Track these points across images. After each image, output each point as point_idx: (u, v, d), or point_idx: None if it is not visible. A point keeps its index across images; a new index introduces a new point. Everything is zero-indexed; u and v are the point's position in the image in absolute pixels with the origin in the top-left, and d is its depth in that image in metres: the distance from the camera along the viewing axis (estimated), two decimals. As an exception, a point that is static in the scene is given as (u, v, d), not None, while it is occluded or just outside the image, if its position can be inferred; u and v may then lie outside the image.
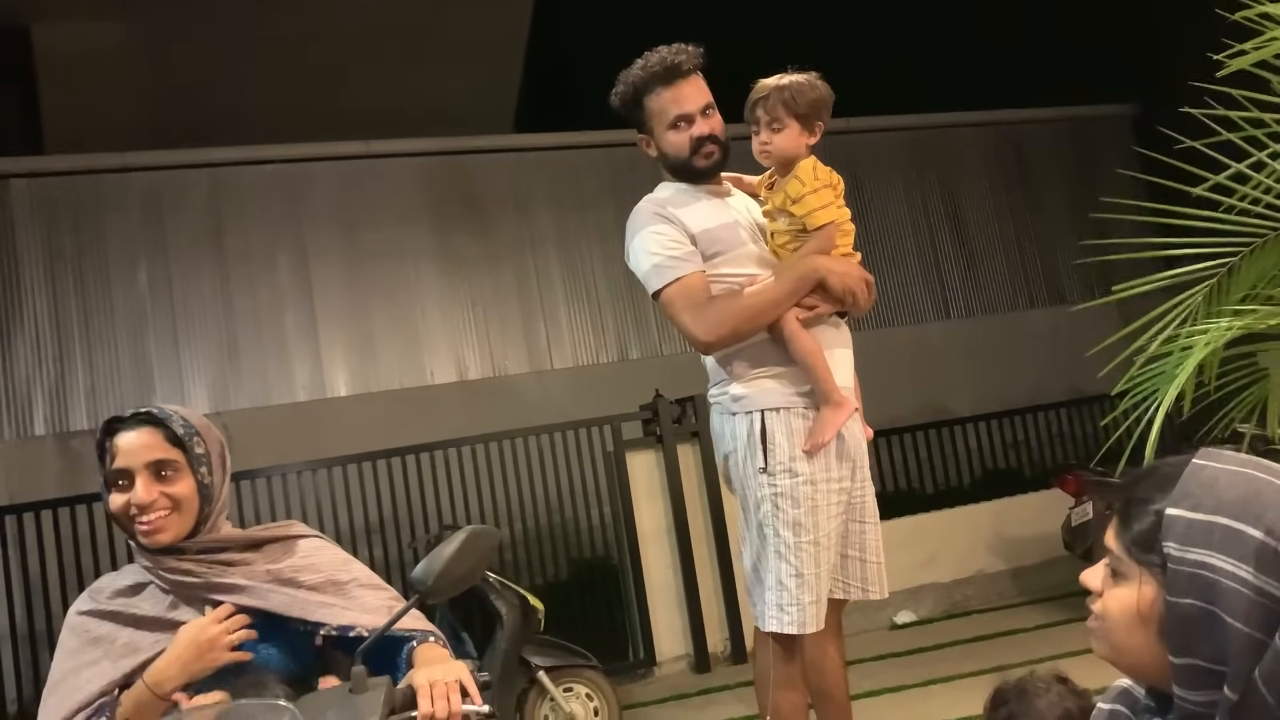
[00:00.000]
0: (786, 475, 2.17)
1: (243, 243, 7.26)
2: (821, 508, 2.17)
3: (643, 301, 8.07)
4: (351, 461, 5.53)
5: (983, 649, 5.15)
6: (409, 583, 1.58)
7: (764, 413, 2.22)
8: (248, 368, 7.18)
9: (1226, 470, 0.94)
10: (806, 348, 2.21)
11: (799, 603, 2.13)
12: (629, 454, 5.71)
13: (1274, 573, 0.87)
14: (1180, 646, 0.93)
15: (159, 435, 1.67)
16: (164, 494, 1.64)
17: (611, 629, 5.72)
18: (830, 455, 2.20)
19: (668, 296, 2.26)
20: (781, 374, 2.24)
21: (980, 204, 8.96)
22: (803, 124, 2.32)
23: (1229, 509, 0.91)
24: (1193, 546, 0.91)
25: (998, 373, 8.20)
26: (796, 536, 2.14)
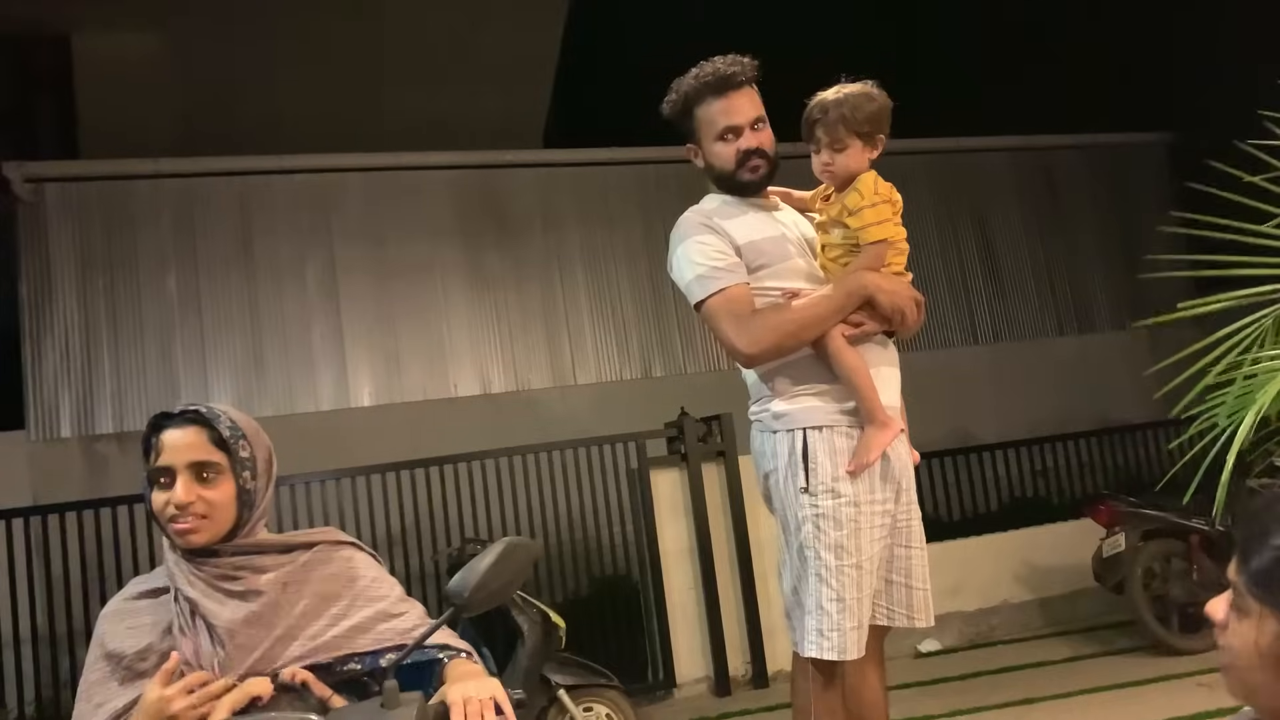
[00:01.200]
0: (829, 496, 2.12)
1: (272, 251, 7.30)
2: (864, 530, 2.11)
3: (667, 320, 8.05)
4: (374, 472, 5.52)
5: (1009, 680, 5.05)
6: (444, 595, 1.54)
7: (806, 431, 2.17)
8: (273, 376, 7.20)
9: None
10: (851, 365, 2.16)
11: (840, 628, 2.08)
12: (653, 472, 5.67)
13: None
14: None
15: (204, 436, 1.65)
16: (202, 496, 1.61)
17: (632, 649, 5.65)
18: (874, 476, 2.15)
19: (710, 307, 2.23)
20: (825, 391, 2.19)
21: (1011, 229, 8.89)
22: (865, 141, 2.29)
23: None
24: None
25: (1025, 400, 8.11)
26: (838, 560, 2.09)
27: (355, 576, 1.73)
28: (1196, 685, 4.44)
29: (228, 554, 1.64)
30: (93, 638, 1.66)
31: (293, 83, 8.36)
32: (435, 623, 1.56)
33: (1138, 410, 7.20)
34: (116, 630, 1.63)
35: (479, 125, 8.59)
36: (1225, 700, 0.95)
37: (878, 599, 2.22)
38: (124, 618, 1.64)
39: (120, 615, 1.65)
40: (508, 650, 4.06)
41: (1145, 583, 5.10)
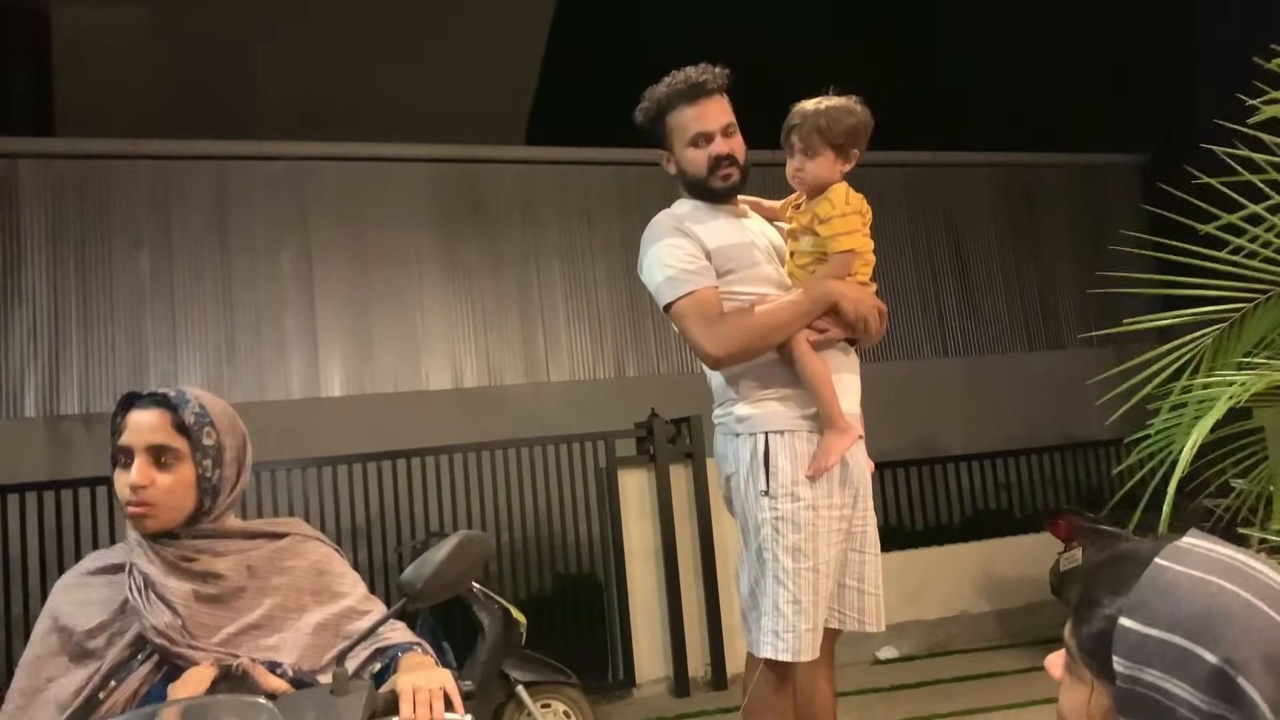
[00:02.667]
0: (788, 499, 2.15)
1: (247, 236, 7.25)
2: (822, 534, 2.16)
3: (642, 320, 8.07)
4: (341, 462, 5.50)
5: (964, 689, 5.12)
6: (398, 585, 1.56)
7: (768, 435, 2.20)
8: (243, 361, 7.15)
9: (1189, 576, 0.85)
10: (815, 370, 2.20)
11: (795, 630, 2.11)
12: (621, 471, 5.69)
13: (1229, 699, 0.80)
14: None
15: (167, 419, 1.64)
16: (156, 481, 1.61)
17: (593, 647, 5.67)
18: (833, 481, 2.19)
19: (679, 309, 2.26)
20: (788, 396, 2.23)
21: (983, 244, 9.00)
22: (837, 152, 2.32)
23: (1186, 626, 0.82)
24: (1145, 666, 0.83)
25: (992, 413, 8.21)
26: (796, 562, 2.13)
27: (323, 571, 1.74)
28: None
29: (187, 537, 1.64)
30: (44, 608, 1.65)
31: (274, 68, 8.30)
32: (388, 612, 1.58)
33: (1103, 426, 7.31)
34: (70, 605, 1.62)
35: (461, 118, 8.56)
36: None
37: (831, 603, 2.26)
38: (78, 591, 1.64)
39: (74, 589, 1.64)
40: (468, 644, 4.07)
41: (1101, 597, 5.17)
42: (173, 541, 1.63)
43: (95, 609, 1.60)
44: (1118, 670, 0.85)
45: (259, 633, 1.63)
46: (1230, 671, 0.79)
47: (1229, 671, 0.79)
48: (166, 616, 1.56)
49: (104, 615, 1.59)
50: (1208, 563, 0.86)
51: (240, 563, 1.65)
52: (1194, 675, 0.81)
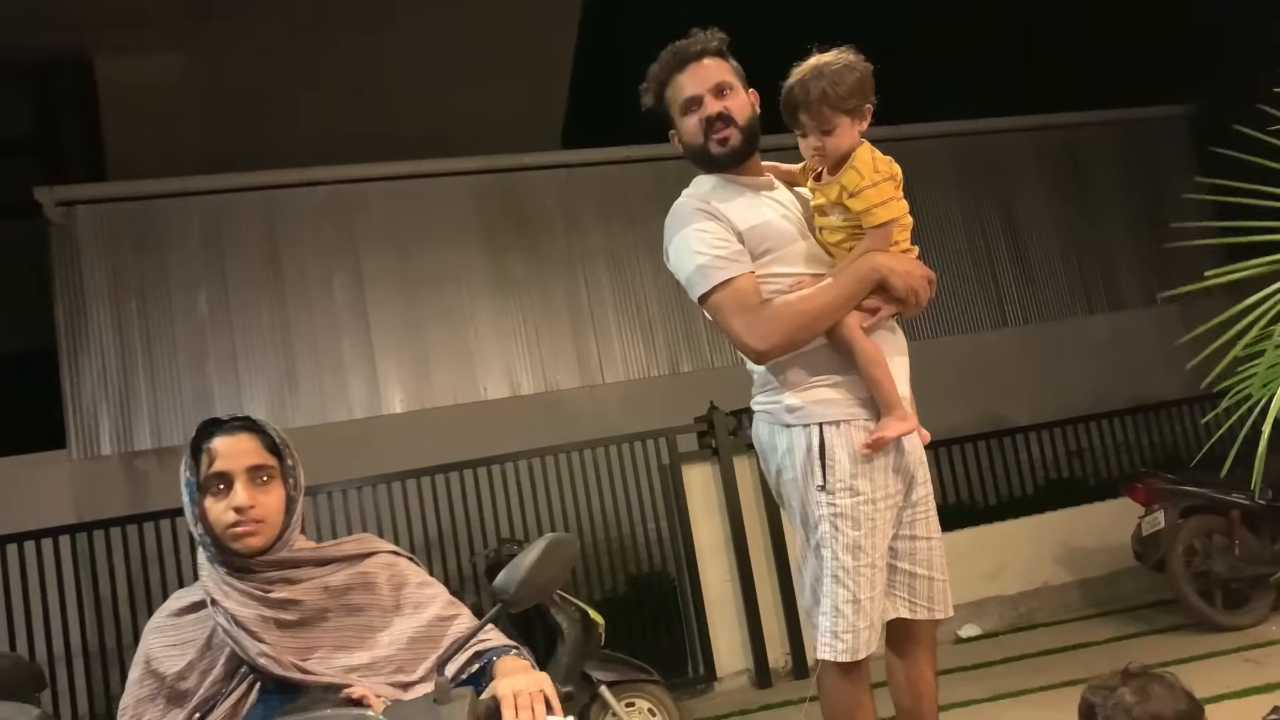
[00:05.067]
0: (847, 494, 2.05)
1: (299, 264, 7.38)
2: (880, 528, 2.06)
3: (693, 314, 8.04)
4: (409, 477, 5.57)
5: (1051, 663, 5.01)
6: (491, 591, 1.57)
7: (823, 426, 2.08)
8: (305, 387, 7.28)
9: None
10: (870, 356, 2.07)
11: (855, 629, 2.03)
12: (684, 467, 5.67)
13: None
14: None
15: (258, 442, 1.69)
16: (259, 501, 1.65)
17: (671, 644, 5.67)
18: (888, 471, 2.08)
19: (716, 301, 2.10)
20: (840, 383, 2.10)
21: (1035, 210, 8.81)
22: (852, 115, 2.13)
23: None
24: None
25: (1057, 380, 8.04)
26: (856, 560, 2.03)
27: (402, 583, 1.75)
28: (1243, 661, 4.39)
29: (264, 569, 1.67)
30: (137, 651, 1.70)
31: (312, 95, 8.45)
32: (483, 619, 1.59)
33: (1172, 386, 7.12)
34: (159, 648, 1.66)
35: (497, 128, 8.63)
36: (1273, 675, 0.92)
37: (901, 592, 2.19)
38: (166, 634, 1.67)
39: (162, 630, 1.68)
40: (548, 649, 4.08)
41: (1186, 560, 5.04)
42: (250, 574, 1.66)
43: (183, 649, 1.65)
44: None
45: (349, 653, 1.65)
46: None
47: None
48: (253, 648, 1.60)
49: (192, 654, 1.64)
50: None
51: (317, 586, 1.68)
52: None
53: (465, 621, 1.74)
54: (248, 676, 1.61)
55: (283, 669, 1.59)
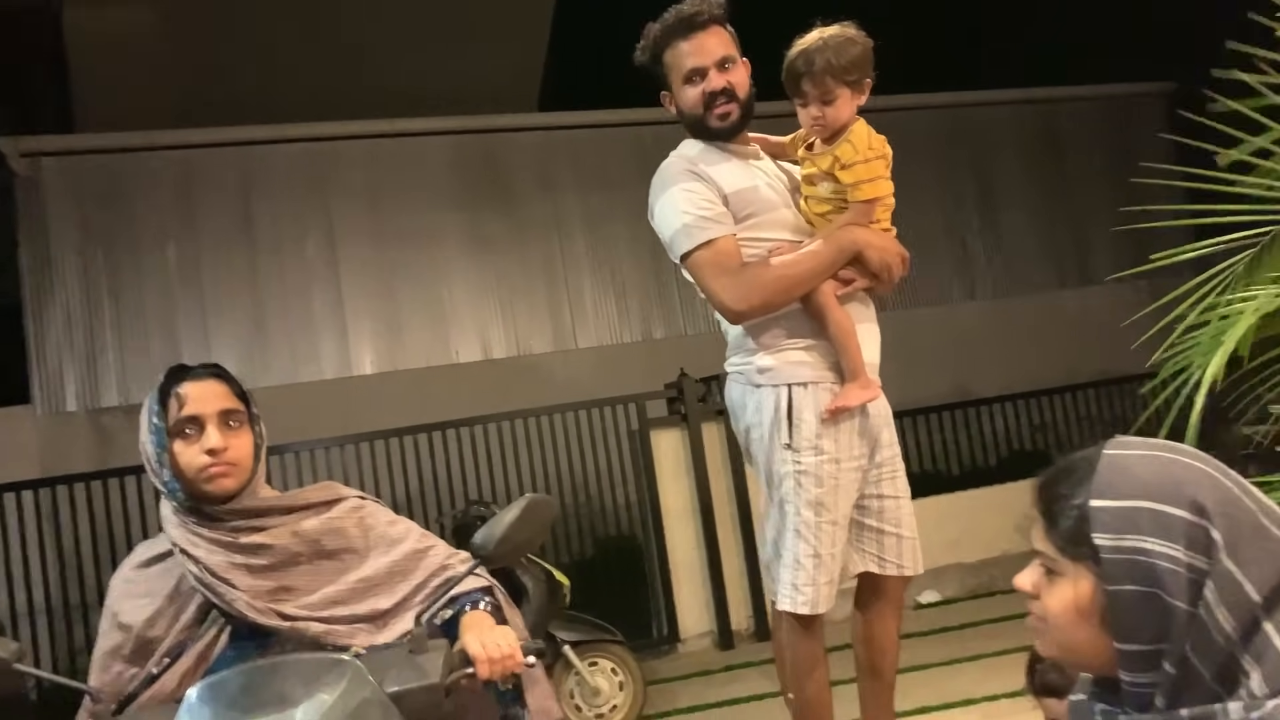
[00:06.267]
0: (811, 453, 2.12)
1: (270, 222, 7.31)
2: (843, 487, 2.13)
3: (667, 280, 8.05)
4: (378, 438, 5.58)
5: (1009, 629, 5.11)
6: (470, 547, 1.60)
7: (792, 387, 2.15)
8: (275, 345, 7.24)
9: (1138, 455, 0.96)
10: (840, 323, 2.14)
11: (814, 583, 2.10)
12: (654, 432, 5.71)
13: (1201, 549, 0.89)
14: (1125, 633, 0.94)
15: (227, 388, 1.71)
16: (231, 443, 1.66)
17: (636, 606, 5.74)
18: (854, 433, 2.15)
19: (697, 261, 2.16)
20: (811, 347, 2.18)
21: (1010, 183, 8.86)
22: (852, 88, 2.20)
23: (1150, 492, 0.92)
24: (1123, 534, 0.92)
25: (1026, 354, 8.12)
26: (817, 516, 2.10)
27: (370, 525, 1.77)
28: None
29: (232, 516, 1.67)
30: (105, 605, 1.71)
31: (287, 51, 8.30)
32: (464, 572, 1.62)
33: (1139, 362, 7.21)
34: (126, 600, 1.67)
35: (474, 89, 8.54)
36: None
37: (871, 548, 2.25)
38: (132, 585, 1.69)
39: (129, 582, 1.70)
40: (513, 609, 4.13)
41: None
42: (217, 521, 1.66)
43: (150, 599, 1.66)
44: (1100, 545, 0.93)
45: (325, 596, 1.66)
46: (1200, 521, 0.90)
47: (1200, 521, 0.90)
48: (235, 590, 1.61)
49: (160, 603, 1.65)
50: (1146, 445, 0.97)
51: (286, 532, 1.69)
52: (1170, 530, 0.90)
53: (440, 554, 1.77)
54: (218, 622, 1.62)
55: (258, 614, 1.60)
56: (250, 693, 1.34)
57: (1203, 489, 0.91)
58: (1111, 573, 0.93)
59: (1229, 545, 0.89)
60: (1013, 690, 4.05)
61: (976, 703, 4.03)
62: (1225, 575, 0.88)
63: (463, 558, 1.78)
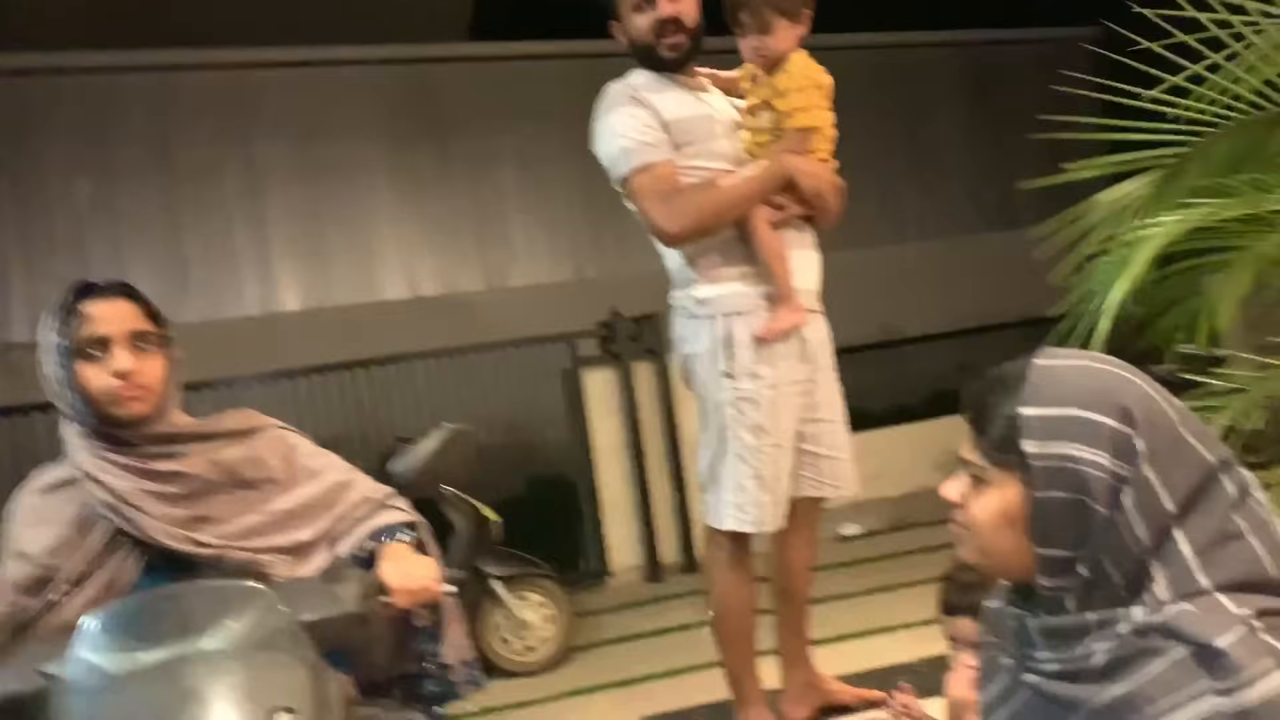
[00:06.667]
0: (749, 379, 2.18)
1: (189, 152, 7.05)
2: (783, 410, 2.19)
3: (601, 220, 7.99)
4: (303, 375, 5.49)
5: (927, 560, 5.29)
6: (389, 475, 1.58)
7: (729, 316, 2.21)
8: (196, 281, 7.04)
9: (1067, 365, 0.97)
10: (770, 247, 2.20)
11: (758, 503, 2.17)
12: (585, 371, 5.72)
13: (1126, 456, 0.91)
14: (1048, 539, 0.96)
15: (137, 308, 1.62)
16: (142, 366, 1.59)
17: (568, 543, 5.81)
18: (792, 358, 2.21)
19: (635, 183, 2.21)
20: (747, 275, 2.23)
21: (939, 125, 8.94)
22: (790, 19, 2.24)
23: (1079, 399, 0.93)
24: (1051, 440, 0.93)
25: (951, 295, 8.29)
26: (757, 439, 2.16)
27: (291, 455, 1.74)
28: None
29: (144, 442, 1.61)
30: (3, 534, 1.64)
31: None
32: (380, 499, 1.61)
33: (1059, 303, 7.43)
34: (26, 527, 1.60)
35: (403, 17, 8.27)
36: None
37: (809, 473, 2.31)
38: (32, 513, 1.62)
39: (30, 510, 1.63)
40: (441, 546, 4.13)
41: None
42: (128, 447, 1.60)
43: (53, 527, 1.59)
44: (1029, 451, 0.94)
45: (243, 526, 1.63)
46: (1126, 429, 0.91)
47: (1125, 429, 0.91)
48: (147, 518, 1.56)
49: (64, 531, 1.58)
50: (1075, 355, 0.99)
51: (203, 460, 1.64)
52: (1097, 436, 0.91)
53: (364, 487, 1.75)
54: (128, 550, 1.57)
55: (172, 540, 1.55)
56: (153, 620, 1.30)
57: (1129, 397, 0.93)
58: (1039, 479, 0.94)
59: (1150, 453, 0.90)
60: (929, 618, 4.22)
61: (894, 629, 4.18)
62: (1144, 483, 0.90)
63: (387, 492, 1.78)
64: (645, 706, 2.79)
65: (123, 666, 1.23)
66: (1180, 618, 0.87)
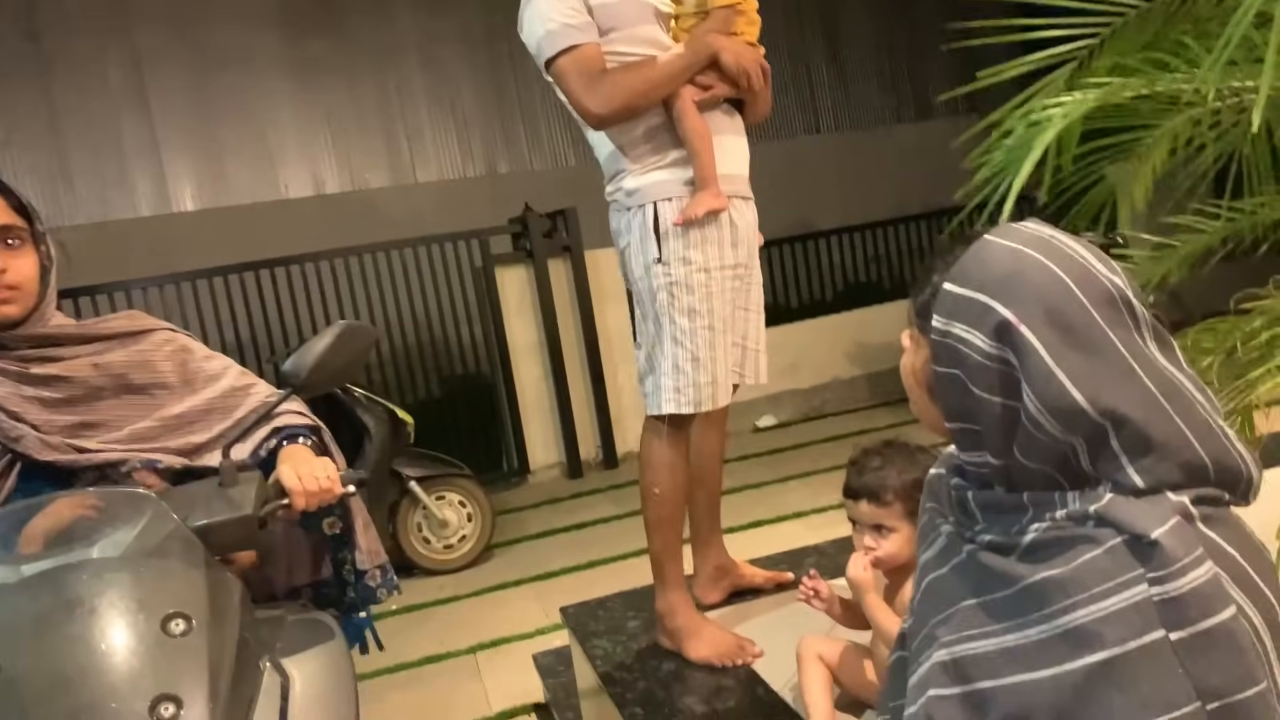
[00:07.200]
0: (680, 264, 2.19)
1: (64, 42, 6.55)
2: (716, 294, 2.21)
3: (511, 113, 7.76)
4: (201, 277, 5.27)
5: (838, 448, 5.46)
6: (279, 375, 1.52)
7: (657, 204, 2.20)
8: (82, 181, 6.65)
9: (1003, 246, 0.95)
10: (694, 129, 2.18)
11: (696, 384, 2.20)
12: (499, 269, 5.63)
13: (1009, 344, 0.91)
14: (946, 411, 0.99)
15: (3, 201, 1.49)
16: (11, 264, 1.47)
17: (486, 443, 5.81)
18: (724, 244, 2.22)
19: (560, 66, 2.17)
20: (673, 162, 2.22)
21: (854, 16, 8.83)
22: None
23: (989, 287, 0.93)
24: (953, 320, 0.95)
25: (864, 188, 8.35)
26: (692, 323, 2.19)
27: (185, 359, 1.65)
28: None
29: (19, 344, 1.51)
30: None
31: None
32: (274, 401, 1.55)
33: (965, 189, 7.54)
34: None
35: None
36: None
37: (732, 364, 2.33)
38: None
39: None
40: (355, 449, 4.09)
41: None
42: (4, 351, 1.50)
43: None
44: (934, 325, 0.97)
45: (132, 432, 1.56)
46: (1014, 321, 0.91)
47: (1012, 321, 0.91)
48: (23, 425, 1.47)
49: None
50: (1023, 237, 0.96)
51: (86, 364, 1.55)
52: (986, 325, 0.92)
53: (261, 391, 1.69)
54: (6, 458, 1.49)
55: (52, 449, 1.48)
56: (38, 529, 1.25)
57: (1039, 291, 0.91)
58: (937, 354, 0.97)
59: (1052, 347, 0.89)
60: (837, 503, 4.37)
61: (805, 515, 4.31)
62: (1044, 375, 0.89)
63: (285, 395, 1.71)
64: (562, 599, 2.83)
65: (6, 577, 1.19)
66: (1115, 506, 0.88)
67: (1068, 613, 0.86)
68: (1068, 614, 0.86)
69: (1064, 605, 0.87)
